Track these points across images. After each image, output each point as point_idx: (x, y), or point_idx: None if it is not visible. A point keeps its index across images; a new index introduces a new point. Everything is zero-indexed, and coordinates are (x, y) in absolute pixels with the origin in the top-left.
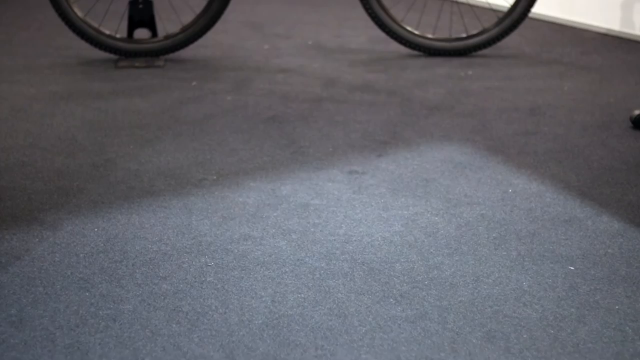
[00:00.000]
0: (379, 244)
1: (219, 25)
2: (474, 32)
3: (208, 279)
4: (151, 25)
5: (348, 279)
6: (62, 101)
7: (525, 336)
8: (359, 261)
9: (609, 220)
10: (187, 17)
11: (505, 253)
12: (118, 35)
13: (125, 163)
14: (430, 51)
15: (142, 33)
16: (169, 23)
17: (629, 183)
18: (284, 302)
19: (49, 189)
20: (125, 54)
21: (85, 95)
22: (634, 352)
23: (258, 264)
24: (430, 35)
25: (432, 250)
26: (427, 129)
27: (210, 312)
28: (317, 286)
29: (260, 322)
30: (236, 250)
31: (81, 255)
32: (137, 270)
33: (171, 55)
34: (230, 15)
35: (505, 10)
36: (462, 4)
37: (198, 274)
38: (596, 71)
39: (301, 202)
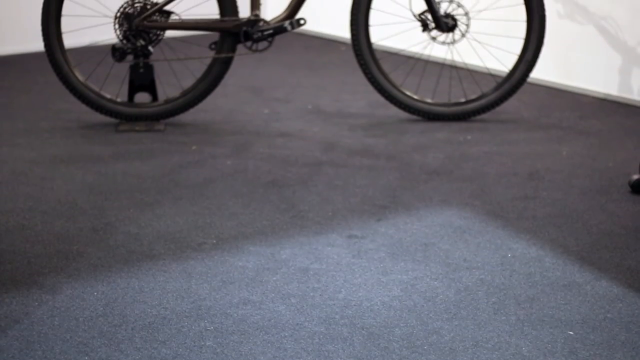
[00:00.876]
0: (378, 309)
1: (219, 90)
2: (473, 96)
3: (207, 344)
4: (152, 89)
5: (347, 344)
6: (63, 165)
7: None
8: (358, 326)
9: (608, 285)
10: (188, 81)
11: (504, 318)
12: (119, 99)
13: (125, 227)
14: (430, 116)
15: (142, 97)
16: (169, 87)
17: (628, 248)
18: None
19: (48, 253)
20: (125, 118)
21: (85, 159)
22: None
23: (257, 328)
24: (429, 100)
25: (431, 315)
26: (426, 194)
27: None
28: (317, 351)
29: None
30: (235, 315)
31: (80, 319)
32: (137, 335)
33: (171, 119)
34: (230, 79)
35: (504, 75)
36: (461, 68)
37: (197, 338)
38: (595, 136)
39: (300, 267)
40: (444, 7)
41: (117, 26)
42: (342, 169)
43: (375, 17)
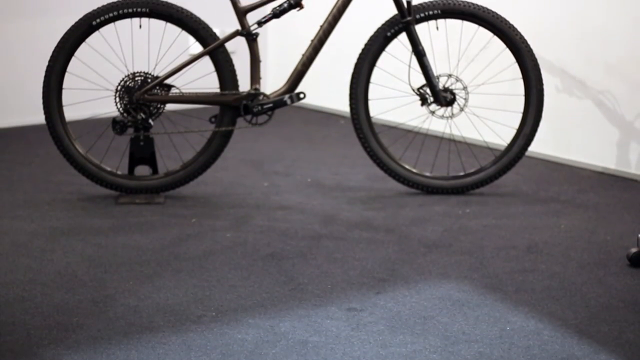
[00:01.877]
0: None
1: (219, 163)
2: (472, 170)
3: None
4: (152, 162)
5: None
6: (63, 237)
7: None
8: None
9: (607, 359)
10: (188, 154)
11: None
12: (119, 172)
13: (125, 299)
14: (428, 189)
15: (142, 169)
16: (169, 160)
17: (627, 321)
18: None
19: (48, 325)
20: (126, 190)
21: (85, 231)
22: None
23: None
24: (428, 174)
25: None
26: (425, 267)
27: None
28: None
29: None
30: None
31: None
32: None
33: (171, 192)
34: (230, 152)
35: (502, 149)
36: (460, 142)
37: None
38: (593, 209)
39: (300, 339)
40: (442, 82)
41: (117, 99)
42: (341, 241)
43: (374, 91)
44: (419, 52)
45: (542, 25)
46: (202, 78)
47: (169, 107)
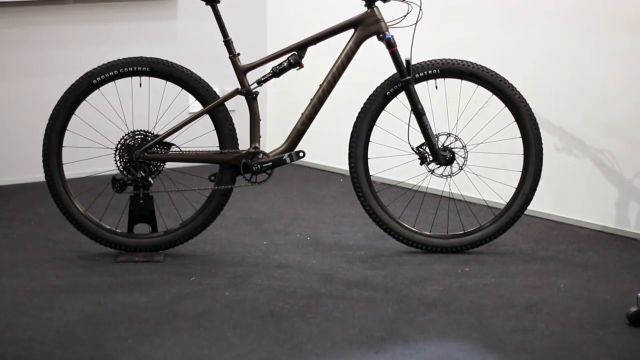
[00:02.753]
0: None
1: (218, 221)
2: (471, 229)
3: None
4: (151, 220)
5: None
6: (62, 295)
7: None
8: None
9: None
10: (187, 213)
11: None
12: (118, 230)
13: (124, 357)
14: (428, 248)
15: (142, 228)
16: (168, 218)
17: None
18: None
19: None
20: (125, 249)
21: (85, 289)
22: None
23: None
24: (427, 232)
25: None
26: (424, 326)
27: None
28: None
29: None
30: None
31: None
32: None
33: (171, 250)
34: (229, 210)
35: (502, 207)
36: (459, 201)
37: None
38: (592, 268)
39: None
40: (441, 140)
41: (117, 157)
42: (341, 300)
43: (373, 150)
44: (418, 111)
45: (541, 84)
46: (202, 136)
47: (169, 165)
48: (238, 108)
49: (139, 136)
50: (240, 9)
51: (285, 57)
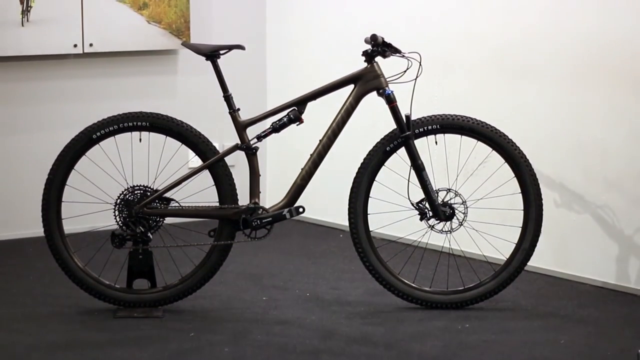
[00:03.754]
0: None
1: (217, 276)
2: (471, 285)
3: None
4: (150, 275)
5: None
6: (60, 351)
7: None
8: None
9: None
10: (186, 268)
11: None
12: (117, 285)
13: None
14: (428, 304)
15: (141, 283)
16: (168, 273)
17: None
18: None
19: None
20: (124, 304)
21: (83, 345)
22: None
23: None
24: (427, 288)
25: None
26: None
27: None
28: None
29: None
30: None
31: None
32: None
33: (170, 306)
34: (228, 266)
35: (502, 263)
36: (459, 256)
37: None
38: (593, 324)
39: None
40: (441, 196)
41: (117, 212)
42: (341, 357)
43: (373, 205)
44: (418, 166)
45: (541, 139)
46: (202, 192)
47: (168, 220)
48: (238, 163)
49: (139, 191)
50: (241, 65)
51: (285, 113)
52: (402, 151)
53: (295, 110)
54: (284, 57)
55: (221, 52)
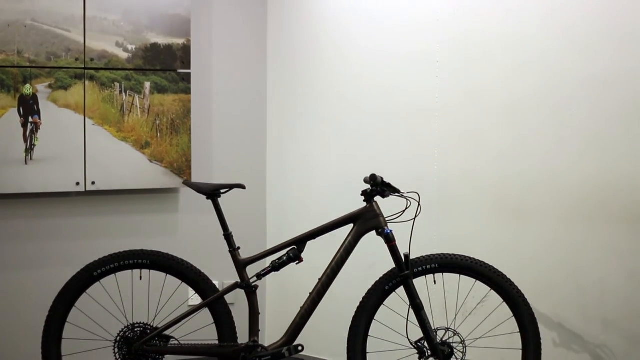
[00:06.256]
0: None
1: None
2: None
3: None
4: None
5: None
6: None
7: None
8: None
9: None
10: None
11: None
12: None
13: None
14: None
15: None
16: None
17: None
18: None
19: None
20: None
21: None
22: None
23: None
24: None
25: None
26: None
27: None
28: None
29: None
30: None
31: None
32: None
33: None
34: None
35: None
36: None
37: None
38: None
39: None
40: (440, 335)
41: (116, 350)
42: None
43: (372, 344)
44: (416, 305)
45: (539, 279)
46: (201, 329)
47: (168, 358)
48: (237, 301)
49: (138, 329)
50: (241, 204)
51: (284, 251)
52: (401, 290)
53: (294, 249)
54: (284, 196)
55: (222, 191)
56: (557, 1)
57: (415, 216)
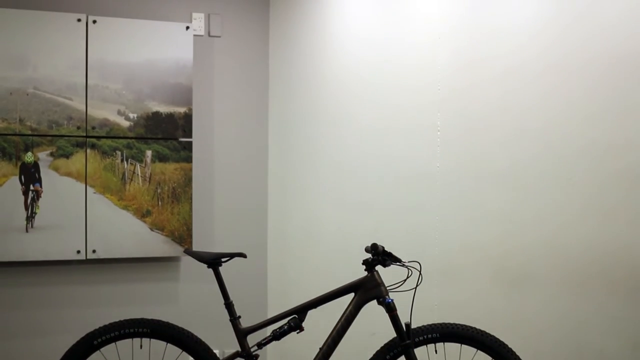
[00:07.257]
0: None
1: None
2: None
3: None
4: None
5: None
6: None
7: None
8: None
9: None
10: None
11: None
12: None
13: None
14: None
15: None
16: None
17: None
18: None
19: None
20: None
21: None
22: None
23: None
24: None
25: None
26: None
27: None
28: None
29: None
30: None
31: None
32: None
33: None
34: None
35: None
36: None
37: None
38: None
39: None
40: None
41: None
42: None
43: None
44: None
45: (540, 349)
46: None
47: None
48: None
49: None
50: (242, 272)
51: (285, 320)
52: (402, 359)
53: (295, 318)
54: (284, 265)
55: (223, 259)
56: (558, 76)
57: (417, 285)
